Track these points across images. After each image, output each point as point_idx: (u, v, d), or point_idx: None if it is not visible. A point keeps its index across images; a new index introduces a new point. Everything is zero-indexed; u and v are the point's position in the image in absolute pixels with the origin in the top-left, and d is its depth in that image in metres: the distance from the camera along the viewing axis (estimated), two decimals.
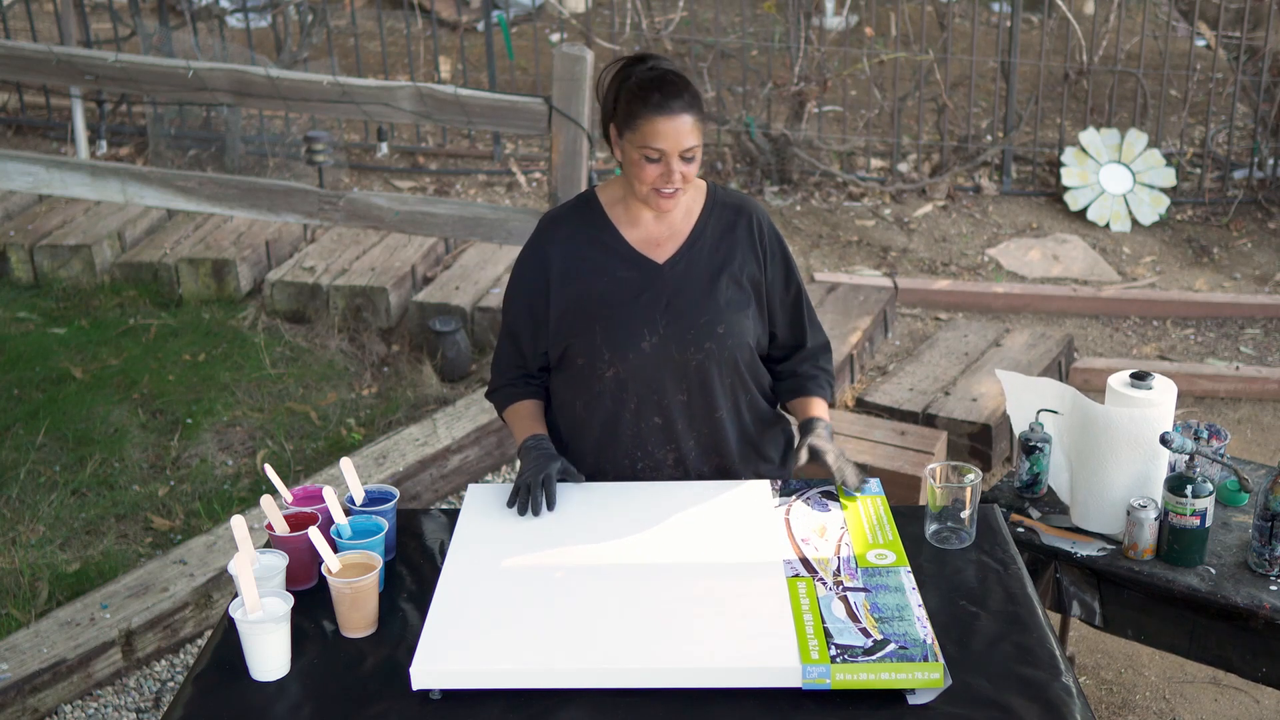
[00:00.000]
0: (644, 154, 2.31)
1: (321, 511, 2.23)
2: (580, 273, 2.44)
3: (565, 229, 2.48)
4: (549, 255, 2.46)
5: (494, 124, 4.38)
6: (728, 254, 2.46)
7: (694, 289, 2.44)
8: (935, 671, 1.90)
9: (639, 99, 2.29)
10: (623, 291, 2.43)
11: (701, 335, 2.43)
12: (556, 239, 2.47)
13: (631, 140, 2.31)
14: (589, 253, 2.45)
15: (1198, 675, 3.41)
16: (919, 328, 5.30)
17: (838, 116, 6.93)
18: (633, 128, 2.30)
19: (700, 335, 2.42)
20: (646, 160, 2.31)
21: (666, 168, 2.31)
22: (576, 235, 2.47)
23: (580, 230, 2.47)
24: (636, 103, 2.29)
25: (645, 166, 2.32)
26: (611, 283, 2.44)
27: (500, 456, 4.34)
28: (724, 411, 2.49)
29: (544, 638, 1.99)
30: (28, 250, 5.49)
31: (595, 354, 2.44)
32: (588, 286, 2.44)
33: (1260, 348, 5.19)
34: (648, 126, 2.28)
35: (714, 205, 2.49)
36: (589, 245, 2.46)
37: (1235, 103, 6.57)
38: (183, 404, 4.57)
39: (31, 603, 3.57)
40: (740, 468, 2.56)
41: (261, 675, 2.00)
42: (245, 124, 6.72)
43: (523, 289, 2.51)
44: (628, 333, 2.42)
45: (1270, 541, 2.50)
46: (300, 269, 5.30)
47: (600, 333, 2.43)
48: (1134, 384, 2.60)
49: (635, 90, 2.30)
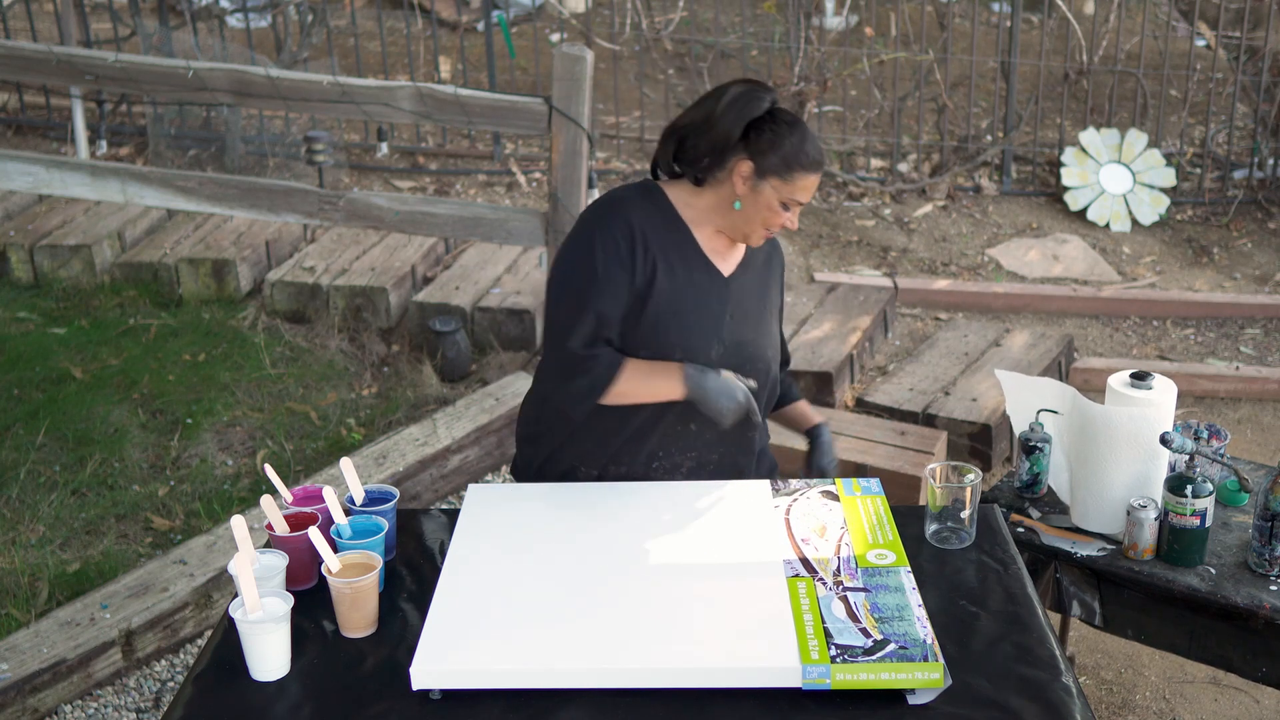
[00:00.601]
0: (784, 203, 2.34)
1: (321, 511, 2.23)
2: (660, 262, 2.36)
3: (639, 213, 2.37)
4: (634, 239, 2.34)
5: (494, 124, 4.38)
6: (770, 279, 2.54)
7: (752, 309, 2.49)
8: (935, 671, 1.90)
9: (802, 152, 2.31)
10: (698, 294, 2.40)
11: (756, 357, 2.48)
12: (637, 223, 2.36)
13: (777, 187, 2.32)
14: (667, 244, 2.38)
15: (1198, 675, 3.41)
16: (919, 328, 5.30)
17: (838, 116, 6.93)
18: (787, 178, 2.32)
19: (755, 356, 2.48)
20: (783, 208, 2.35)
21: (792, 216, 2.37)
22: (654, 223, 2.38)
23: (656, 219, 2.39)
24: (799, 155, 2.31)
25: (779, 214, 2.35)
26: (688, 282, 2.40)
27: (500, 456, 4.34)
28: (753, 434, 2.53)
29: (544, 638, 1.99)
30: (28, 250, 5.49)
31: (664, 352, 2.38)
32: (666, 280, 2.37)
33: (1260, 348, 5.19)
34: (803, 181, 2.33)
35: None
36: (665, 234, 2.38)
37: (1235, 103, 6.57)
38: (183, 404, 4.57)
39: (31, 603, 3.57)
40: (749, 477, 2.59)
41: (261, 675, 2.00)
42: (245, 124, 6.72)
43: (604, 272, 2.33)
44: (702, 338, 2.41)
45: (1270, 541, 2.50)
46: (300, 269, 5.30)
47: (676, 333, 2.39)
48: (1134, 384, 2.60)
49: (798, 143, 2.32)
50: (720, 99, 2.33)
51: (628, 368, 2.37)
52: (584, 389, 2.38)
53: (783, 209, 2.35)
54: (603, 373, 2.36)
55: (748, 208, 2.35)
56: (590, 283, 2.34)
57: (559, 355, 2.39)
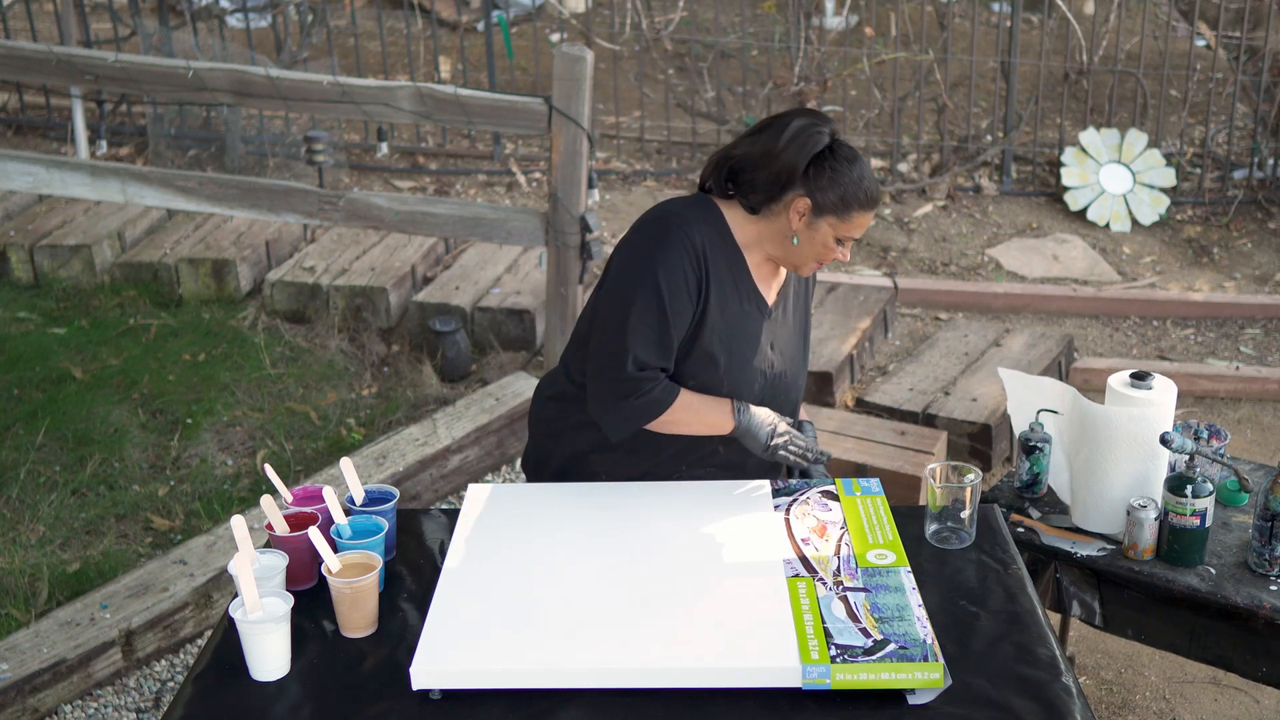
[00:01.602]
0: (839, 239, 2.34)
1: (321, 511, 2.23)
2: (718, 292, 2.35)
3: (704, 234, 2.34)
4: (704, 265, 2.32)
5: (494, 124, 4.38)
6: (800, 306, 2.54)
7: (789, 340, 2.50)
8: (935, 671, 1.90)
9: (861, 190, 2.30)
10: (747, 325, 2.40)
11: (791, 387, 2.51)
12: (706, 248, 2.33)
13: (834, 225, 2.31)
14: (720, 266, 2.36)
15: (1198, 675, 3.41)
16: (919, 328, 5.30)
17: (838, 116, 6.93)
18: (844, 217, 2.31)
19: (790, 387, 2.51)
20: (838, 244, 2.35)
21: (845, 251, 2.37)
22: (712, 241, 2.35)
23: (714, 237, 2.36)
24: (857, 194, 2.30)
25: (833, 250, 2.35)
26: (739, 314, 2.39)
27: (500, 456, 4.34)
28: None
29: (544, 638, 1.99)
30: (28, 250, 5.49)
31: (712, 384, 2.39)
32: (721, 311, 2.36)
33: (1260, 348, 5.19)
34: (860, 219, 2.32)
35: None
36: (721, 257, 2.36)
37: (1235, 103, 6.57)
38: (183, 404, 4.57)
39: (31, 603, 3.57)
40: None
41: (261, 675, 2.00)
42: (245, 124, 6.72)
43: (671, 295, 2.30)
44: (747, 372, 2.41)
45: (1270, 541, 2.50)
46: (300, 269, 5.30)
47: (725, 363, 2.39)
48: (1134, 384, 2.60)
49: (856, 180, 2.30)
50: (781, 133, 2.29)
51: (681, 397, 2.37)
52: (636, 411, 2.36)
53: (839, 246, 2.35)
54: (657, 398, 2.35)
55: (803, 244, 2.34)
56: (654, 308, 2.30)
57: (614, 376, 2.35)
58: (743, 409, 2.39)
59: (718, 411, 2.39)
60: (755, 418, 2.40)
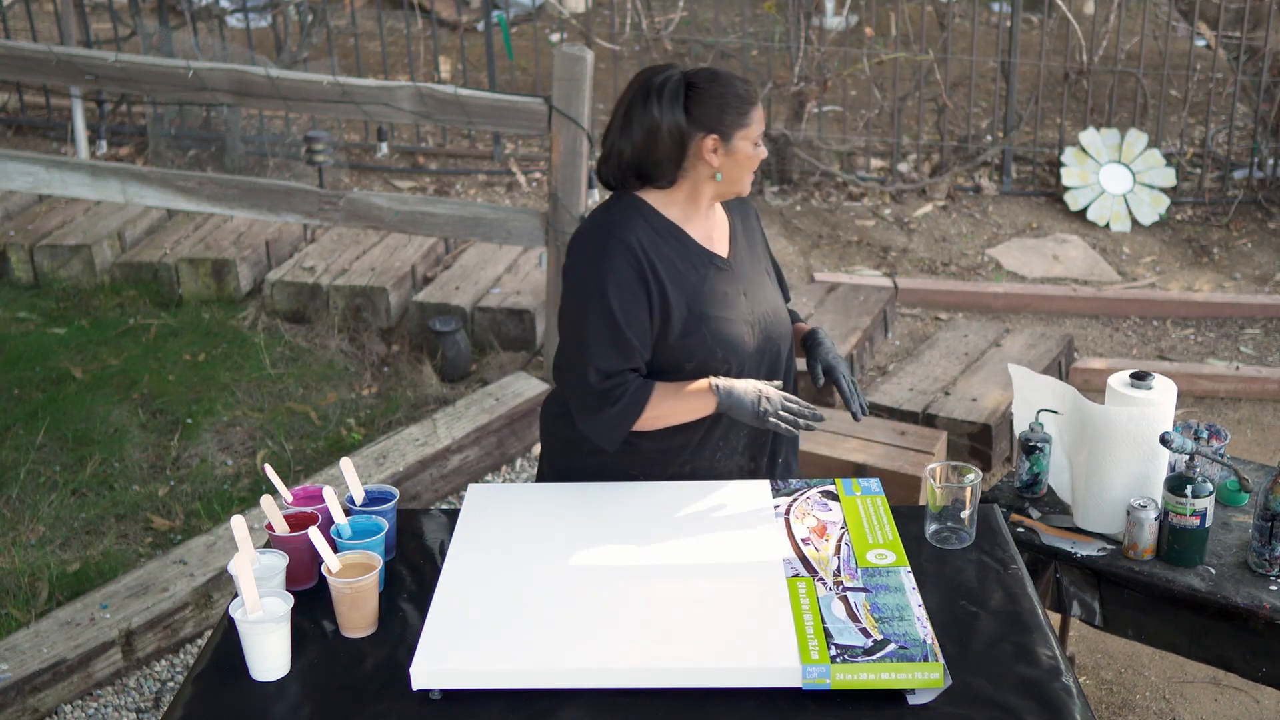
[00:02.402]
0: (755, 142, 2.40)
1: (321, 511, 2.23)
2: (671, 277, 2.39)
3: (641, 235, 2.38)
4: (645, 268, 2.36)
5: (494, 124, 4.38)
6: (752, 240, 2.58)
7: (756, 279, 2.53)
8: (935, 671, 1.90)
9: (740, 95, 2.38)
10: (711, 289, 2.43)
11: (779, 321, 2.53)
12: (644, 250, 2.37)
13: (744, 135, 2.38)
14: (671, 256, 2.41)
15: (1198, 675, 3.41)
16: (919, 328, 5.30)
17: (838, 116, 6.93)
18: (744, 124, 2.38)
19: (778, 322, 2.52)
20: (756, 147, 2.41)
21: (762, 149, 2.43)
22: (655, 241, 2.40)
23: (654, 236, 2.40)
24: (741, 99, 2.37)
25: (755, 155, 2.41)
26: (699, 281, 2.43)
27: (500, 456, 4.34)
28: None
29: (544, 638, 1.99)
30: (28, 250, 5.49)
31: (709, 356, 2.41)
32: (681, 289, 2.40)
33: (1260, 348, 5.19)
34: (757, 114, 2.39)
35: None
36: (667, 248, 2.41)
37: (1235, 103, 6.57)
38: (183, 404, 4.57)
39: (31, 603, 3.57)
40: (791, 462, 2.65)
41: (261, 675, 2.00)
42: (245, 124, 6.72)
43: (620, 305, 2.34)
44: (733, 329, 2.44)
45: (1270, 541, 2.50)
46: (300, 269, 5.30)
47: (710, 335, 2.41)
48: (1134, 384, 2.60)
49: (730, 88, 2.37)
50: (646, 106, 2.34)
51: (656, 391, 2.38)
52: (615, 419, 2.37)
53: (757, 148, 2.41)
54: (631, 401, 2.36)
55: (729, 170, 2.40)
56: (606, 316, 2.34)
57: (585, 391, 2.38)
58: (722, 386, 2.38)
59: (697, 395, 2.39)
60: (737, 391, 2.38)
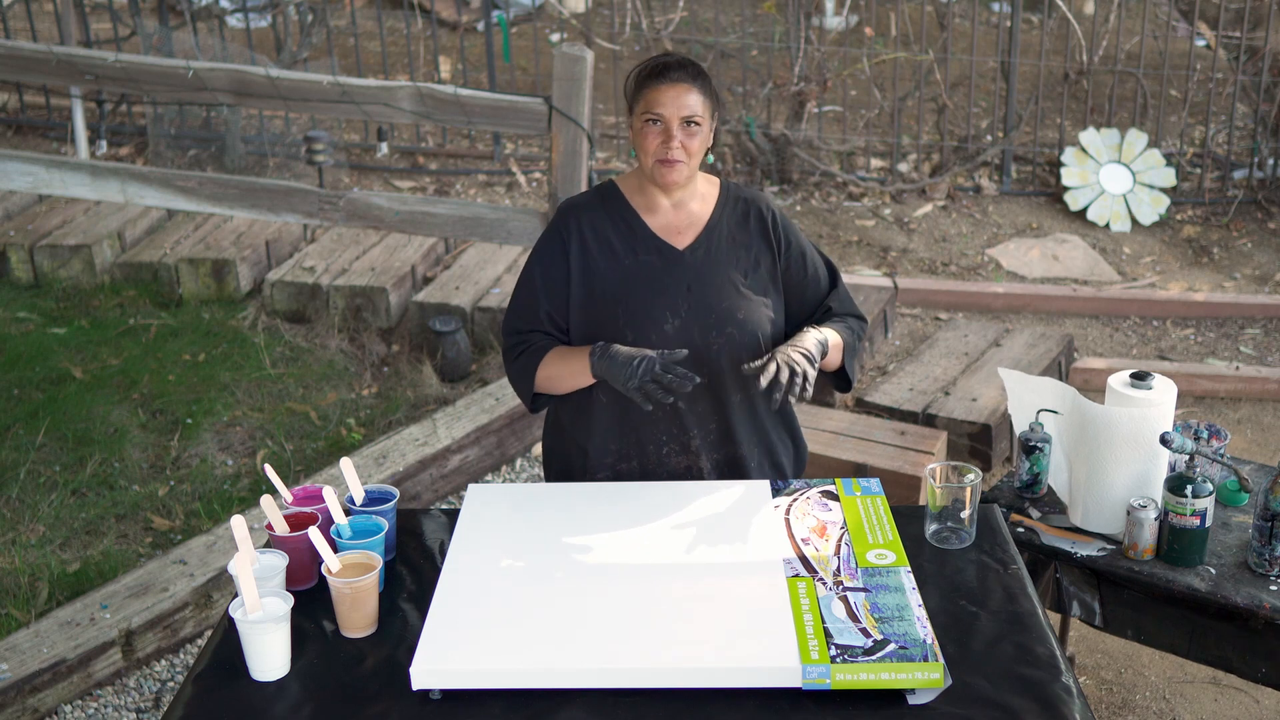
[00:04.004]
0: (645, 120, 2.41)
1: (321, 511, 2.23)
2: (604, 254, 2.49)
3: (587, 214, 2.53)
4: (570, 239, 2.50)
5: (494, 124, 4.39)
6: (744, 244, 2.54)
7: (714, 275, 2.50)
8: (935, 671, 1.90)
9: (644, 74, 2.44)
10: (646, 274, 2.49)
11: (723, 320, 2.48)
12: (579, 223, 2.52)
13: (638, 113, 2.42)
14: (612, 236, 2.51)
15: (1198, 675, 3.41)
16: (919, 328, 5.30)
17: (838, 116, 6.93)
18: (638, 99, 2.43)
19: (721, 320, 2.48)
20: (648, 125, 2.40)
21: (666, 133, 2.40)
22: (599, 220, 2.52)
23: (602, 215, 2.52)
24: (642, 77, 2.43)
25: (647, 134, 2.41)
26: (635, 265, 2.49)
27: (500, 456, 4.34)
28: (738, 399, 2.52)
29: (544, 638, 1.99)
30: (28, 250, 5.49)
31: (618, 335, 2.46)
32: (611, 268, 2.48)
33: (1260, 348, 5.19)
34: (651, 94, 2.40)
35: (728, 198, 2.56)
36: (612, 229, 2.51)
37: (1235, 103, 6.57)
38: (183, 404, 4.57)
39: (31, 603, 3.57)
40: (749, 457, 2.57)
41: (261, 675, 2.00)
42: (245, 124, 6.72)
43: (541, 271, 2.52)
44: (650, 314, 2.46)
45: (1270, 541, 2.50)
46: (300, 269, 5.30)
47: (623, 314, 2.46)
48: (1134, 384, 2.60)
49: (641, 69, 2.45)
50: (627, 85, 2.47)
51: (552, 352, 2.50)
52: (518, 371, 2.53)
53: (650, 126, 2.40)
54: (529, 356, 2.51)
55: (636, 149, 2.45)
56: (526, 285, 2.53)
57: (502, 346, 2.60)
58: (598, 351, 2.41)
59: (578, 359, 2.45)
60: (611, 357, 2.38)
